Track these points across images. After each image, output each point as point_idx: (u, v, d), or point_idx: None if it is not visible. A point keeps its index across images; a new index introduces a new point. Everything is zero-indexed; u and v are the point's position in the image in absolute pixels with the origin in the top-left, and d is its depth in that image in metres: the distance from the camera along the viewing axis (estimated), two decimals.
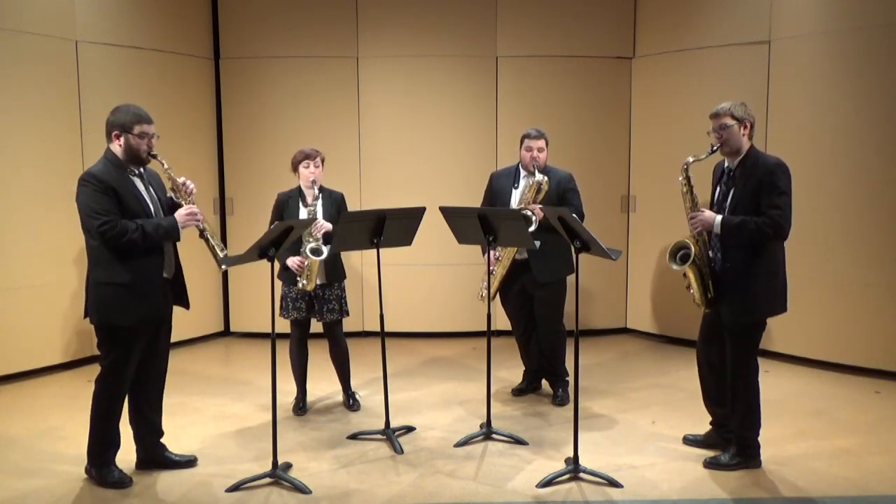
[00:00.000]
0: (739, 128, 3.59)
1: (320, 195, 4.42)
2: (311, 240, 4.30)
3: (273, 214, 4.53)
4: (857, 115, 5.21)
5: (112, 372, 3.49)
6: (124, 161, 3.48)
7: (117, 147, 3.47)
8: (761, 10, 5.62)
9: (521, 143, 4.66)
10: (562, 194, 4.61)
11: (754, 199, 3.53)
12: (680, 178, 3.71)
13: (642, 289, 6.49)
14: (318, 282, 4.43)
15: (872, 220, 5.19)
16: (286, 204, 4.49)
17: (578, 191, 4.70)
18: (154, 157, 3.51)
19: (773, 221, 3.48)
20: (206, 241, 3.64)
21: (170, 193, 3.67)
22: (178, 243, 3.69)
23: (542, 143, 4.61)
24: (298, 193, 4.49)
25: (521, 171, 4.69)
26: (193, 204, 3.59)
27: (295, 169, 4.49)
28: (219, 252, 3.64)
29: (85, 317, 3.53)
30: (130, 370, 3.53)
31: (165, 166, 3.54)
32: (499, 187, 4.77)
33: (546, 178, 4.52)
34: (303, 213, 4.42)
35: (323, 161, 4.50)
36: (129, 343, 3.47)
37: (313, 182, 4.41)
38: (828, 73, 5.32)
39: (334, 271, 4.50)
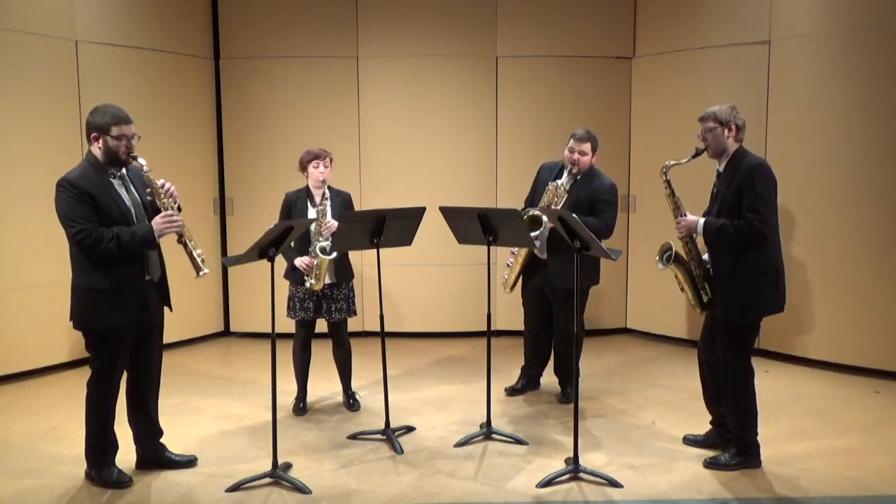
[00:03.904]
0: (723, 130, 3.62)
1: (330, 195, 4.42)
2: (320, 239, 4.31)
3: (281, 214, 4.53)
4: (857, 115, 5.22)
5: (101, 375, 3.49)
6: (104, 163, 3.42)
7: (97, 149, 3.42)
8: (761, 10, 5.62)
9: (568, 140, 4.58)
10: (594, 202, 4.52)
11: (737, 200, 3.56)
12: (661, 181, 3.76)
13: (642, 289, 6.49)
14: (327, 281, 4.43)
15: (872, 220, 5.19)
16: (294, 203, 4.49)
17: (615, 203, 4.58)
18: (134, 158, 3.43)
19: (750, 226, 3.50)
20: (185, 246, 3.52)
21: (149, 197, 3.57)
22: (165, 244, 3.63)
23: (585, 146, 4.51)
24: (307, 193, 4.49)
25: (564, 169, 4.62)
26: (174, 209, 3.48)
27: (303, 169, 4.48)
28: (197, 259, 3.53)
29: (70, 321, 3.51)
30: (119, 372, 3.53)
31: (145, 168, 3.44)
32: (542, 179, 4.71)
33: (565, 185, 4.47)
34: (311, 213, 4.42)
35: (331, 161, 4.50)
36: (115, 347, 3.46)
37: (323, 182, 4.41)
38: (828, 73, 5.32)
39: (343, 271, 4.50)
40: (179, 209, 3.54)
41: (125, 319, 3.43)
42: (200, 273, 3.53)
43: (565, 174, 4.56)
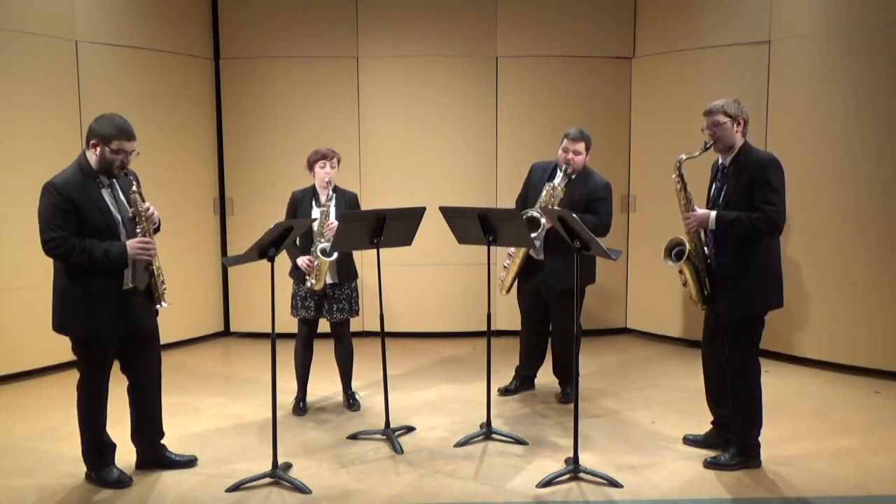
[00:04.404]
0: (732, 125, 3.61)
1: (334, 195, 4.43)
2: (321, 240, 4.31)
3: (287, 213, 4.55)
4: (857, 115, 5.22)
5: (88, 378, 3.50)
6: (96, 170, 3.40)
7: (92, 155, 3.39)
8: (761, 10, 5.62)
9: (562, 140, 4.59)
10: (590, 201, 4.53)
11: (747, 194, 3.55)
12: (673, 176, 3.74)
13: (642, 289, 6.49)
14: (329, 281, 4.44)
15: (872, 220, 5.19)
16: (300, 203, 4.50)
17: (610, 201, 4.61)
18: (127, 174, 3.42)
19: (766, 217, 3.50)
20: (151, 275, 3.54)
21: (131, 215, 3.51)
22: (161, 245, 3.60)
23: (579, 146, 4.51)
24: (312, 192, 4.50)
25: (558, 169, 4.63)
26: (151, 233, 3.47)
27: (310, 168, 4.49)
28: (160, 291, 3.56)
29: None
30: (106, 375, 3.52)
31: (134, 188, 3.43)
32: (535, 180, 4.72)
33: (561, 185, 4.48)
34: (315, 213, 4.42)
35: (339, 161, 4.51)
36: (99, 350, 3.46)
37: (328, 182, 4.41)
38: (828, 73, 5.33)
39: (345, 271, 4.50)
40: (157, 230, 3.54)
41: (102, 325, 3.41)
42: (157, 307, 3.59)
43: (559, 174, 4.56)
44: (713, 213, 3.62)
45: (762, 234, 3.53)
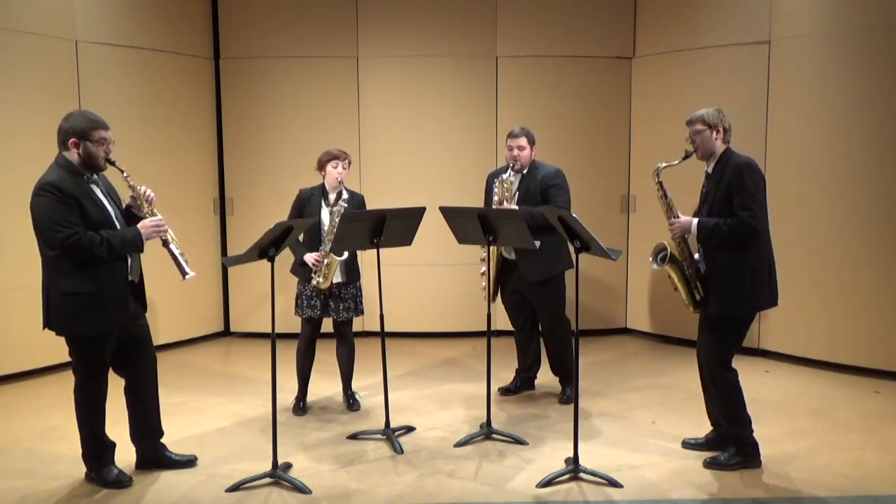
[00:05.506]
0: (711, 133, 3.68)
1: (348, 196, 4.43)
2: (332, 238, 4.30)
3: (293, 210, 4.54)
4: (856, 115, 5.22)
5: (90, 379, 3.49)
6: (80, 168, 3.39)
7: (74, 155, 3.37)
8: (761, 10, 5.62)
9: (507, 140, 4.67)
10: (544, 190, 4.59)
11: (726, 198, 3.61)
12: (653, 184, 3.81)
13: (642, 289, 6.49)
14: (337, 280, 4.45)
15: (872, 220, 5.19)
16: (308, 201, 4.50)
17: (565, 186, 4.64)
18: (112, 163, 3.42)
19: (742, 223, 3.55)
20: (170, 251, 3.52)
21: (128, 201, 3.55)
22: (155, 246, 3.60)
23: (521, 141, 4.61)
24: (321, 192, 4.50)
25: (510, 169, 4.69)
26: (154, 213, 3.48)
27: (321, 168, 4.49)
28: (183, 262, 3.53)
29: (45, 327, 3.46)
30: (105, 375, 3.52)
31: (124, 174, 3.42)
32: (492, 187, 4.77)
33: (510, 176, 4.55)
34: (325, 212, 4.43)
35: (349, 163, 4.53)
36: (102, 350, 3.45)
37: (340, 182, 4.42)
38: (828, 73, 5.33)
39: (352, 270, 4.51)
40: (153, 213, 3.53)
41: (111, 322, 3.42)
42: (186, 276, 3.54)
43: (509, 171, 4.63)
44: (695, 221, 3.69)
45: (740, 240, 3.58)
